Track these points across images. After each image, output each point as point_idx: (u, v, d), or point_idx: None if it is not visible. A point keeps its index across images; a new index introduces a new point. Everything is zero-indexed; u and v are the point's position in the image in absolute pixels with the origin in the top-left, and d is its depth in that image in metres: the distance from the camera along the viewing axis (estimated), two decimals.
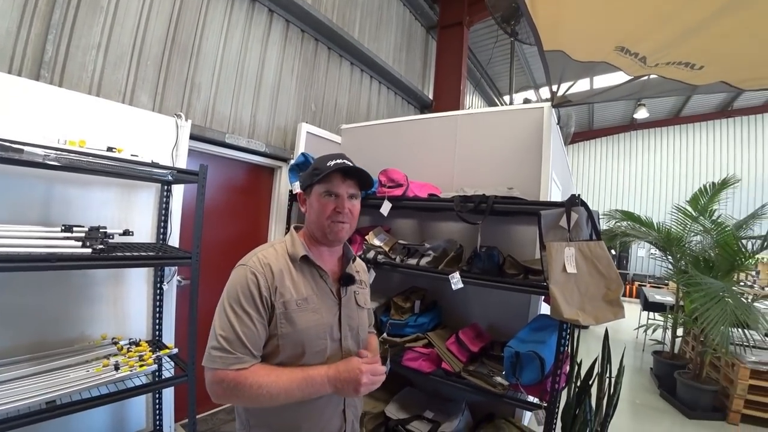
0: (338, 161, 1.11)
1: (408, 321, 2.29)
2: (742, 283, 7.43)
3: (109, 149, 1.80)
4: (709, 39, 1.52)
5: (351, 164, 1.12)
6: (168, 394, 2.33)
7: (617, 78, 2.07)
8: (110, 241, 1.80)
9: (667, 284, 9.52)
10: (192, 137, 2.46)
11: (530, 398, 1.93)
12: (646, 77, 1.89)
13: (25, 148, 1.44)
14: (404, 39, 5.07)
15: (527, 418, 2.47)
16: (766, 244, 3.70)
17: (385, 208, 2.39)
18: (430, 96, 5.46)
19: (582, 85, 2.28)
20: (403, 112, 5.13)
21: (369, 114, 4.44)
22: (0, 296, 1.68)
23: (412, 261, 2.36)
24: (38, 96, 1.76)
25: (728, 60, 1.61)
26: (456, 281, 2.06)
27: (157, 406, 2.26)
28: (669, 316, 5.04)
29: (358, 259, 1.35)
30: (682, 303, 4.66)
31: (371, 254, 2.43)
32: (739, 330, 3.27)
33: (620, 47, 1.72)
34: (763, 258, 8.94)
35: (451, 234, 2.59)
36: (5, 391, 1.44)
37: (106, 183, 2.01)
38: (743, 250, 3.81)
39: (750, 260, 3.91)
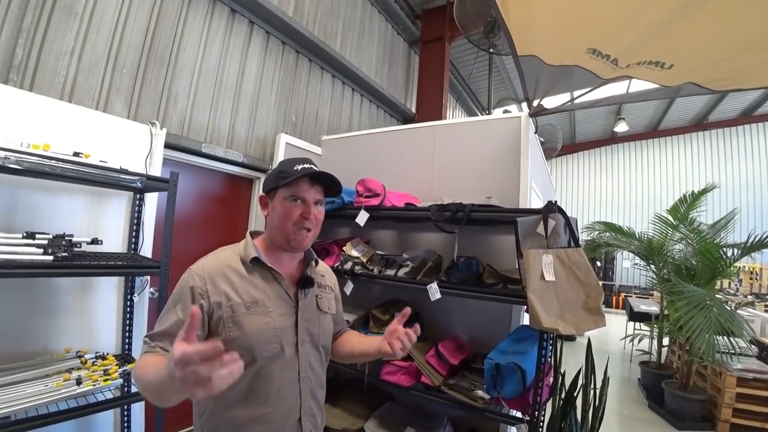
0: (305, 165, 1.08)
1: None
2: (725, 291, 7.53)
3: (76, 154, 1.74)
4: (674, 36, 1.53)
5: (318, 169, 1.09)
6: (138, 410, 2.21)
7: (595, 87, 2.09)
8: (77, 249, 1.73)
9: (652, 294, 9.60)
10: (167, 146, 2.41)
11: (513, 412, 1.88)
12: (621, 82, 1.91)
13: None
14: (386, 53, 5.13)
15: None
16: (745, 251, 3.76)
17: (362, 218, 2.36)
18: (413, 110, 5.50)
19: (563, 99, 2.30)
20: (386, 125, 5.14)
21: (351, 126, 4.44)
22: None
23: (390, 272, 2.31)
24: (2, 99, 1.70)
25: (694, 58, 1.63)
26: (434, 291, 2.02)
27: (126, 423, 2.13)
28: (654, 325, 5.05)
29: (322, 263, 1.31)
30: (666, 312, 4.68)
31: (348, 265, 2.38)
32: (725, 338, 3.28)
33: (591, 49, 1.73)
34: (744, 266, 9.11)
35: (431, 244, 2.56)
36: None
37: (74, 190, 1.95)
38: (724, 257, 3.85)
39: (731, 268, 3.96)
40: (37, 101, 1.82)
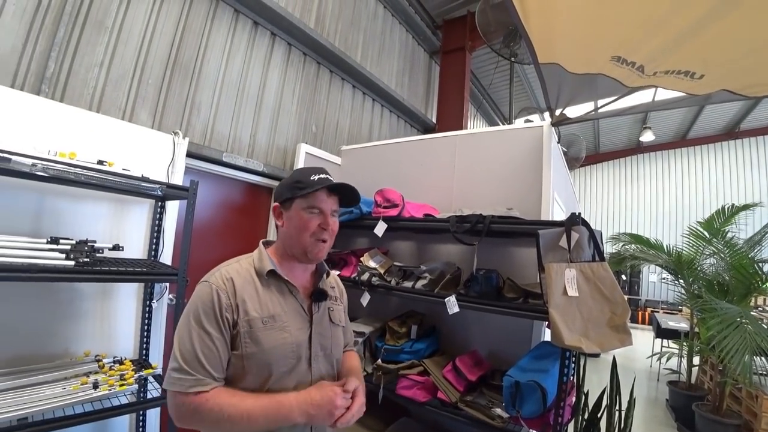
0: (322, 176, 1.08)
1: (403, 347, 2.19)
2: (760, 309, 7.15)
3: (100, 162, 1.78)
4: (704, 44, 1.46)
5: (333, 180, 1.09)
6: (153, 416, 2.23)
7: (621, 96, 2.01)
8: (99, 255, 1.76)
9: (680, 310, 9.22)
10: (189, 155, 2.45)
11: None
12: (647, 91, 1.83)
13: (13, 157, 1.43)
14: (407, 63, 5.14)
15: None
16: None
17: (380, 228, 2.33)
18: (434, 120, 5.48)
19: (586, 108, 2.23)
20: (406, 135, 5.13)
21: (371, 136, 4.44)
22: None
23: (408, 284, 2.27)
24: (33, 109, 1.76)
25: (726, 65, 1.55)
26: (452, 305, 1.97)
27: (141, 428, 2.15)
28: (684, 343, 4.83)
29: (332, 273, 1.29)
30: (697, 329, 4.47)
31: (366, 276, 2.36)
32: (761, 358, 3.09)
33: (616, 57, 1.67)
34: None
35: (450, 256, 2.51)
36: None
37: (99, 197, 1.99)
38: (760, 272, 3.66)
39: (767, 284, 3.76)
40: (65, 111, 1.88)
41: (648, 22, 1.50)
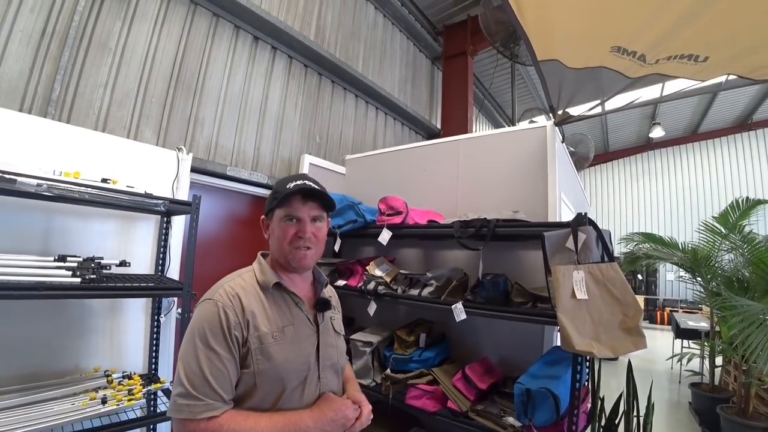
0: (298, 182, 1.05)
1: (412, 356, 2.16)
2: None
3: (104, 180, 1.81)
4: (705, 25, 1.40)
5: (311, 185, 1.06)
6: (163, 430, 2.22)
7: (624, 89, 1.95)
8: (106, 271, 1.78)
9: (700, 309, 8.98)
10: (194, 170, 2.47)
11: None
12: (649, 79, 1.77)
13: (18, 178, 1.46)
14: (409, 71, 5.15)
15: None
16: None
17: (384, 236, 2.32)
18: (438, 125, 5.47)
19: (591, 105, 2.19)
20: (411, 142, 5.11)
21: (375, 144, 4.45)
22: None
23: (414, 291, 2.24)
24: (38, 131, 1.80)
25: (730, 44, 1.47)
26: (459, 312, 1.93)
27: None
28: (705, 343, 4.68)
29: (328, 284, 1.28)
30: (718, 328, 4.33)
31: (372, 285, 2.34)
32: None
33: (616, 47, 1.62)
34: None
35: (457, 262, 2.48)
36: None
37: (105, 215, 2.02)
38: None
39: None
40: (70, 132, 1.92)
41: (646, 9, 1.45)
